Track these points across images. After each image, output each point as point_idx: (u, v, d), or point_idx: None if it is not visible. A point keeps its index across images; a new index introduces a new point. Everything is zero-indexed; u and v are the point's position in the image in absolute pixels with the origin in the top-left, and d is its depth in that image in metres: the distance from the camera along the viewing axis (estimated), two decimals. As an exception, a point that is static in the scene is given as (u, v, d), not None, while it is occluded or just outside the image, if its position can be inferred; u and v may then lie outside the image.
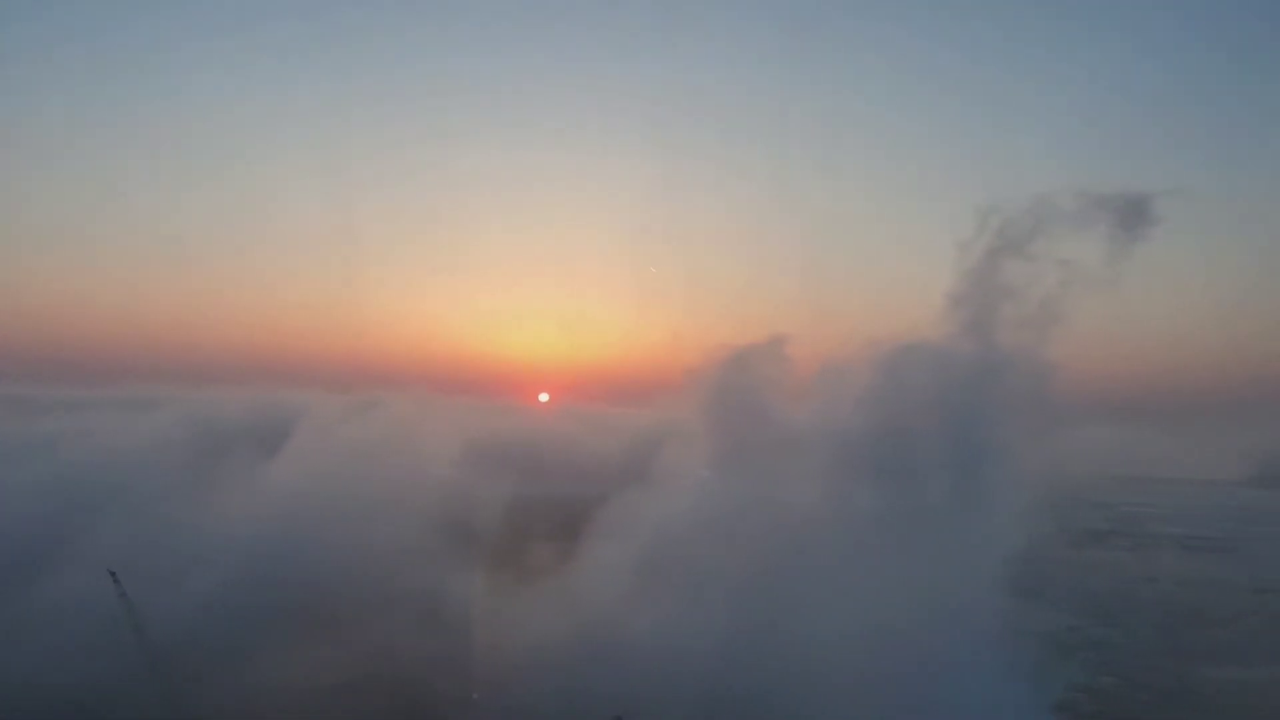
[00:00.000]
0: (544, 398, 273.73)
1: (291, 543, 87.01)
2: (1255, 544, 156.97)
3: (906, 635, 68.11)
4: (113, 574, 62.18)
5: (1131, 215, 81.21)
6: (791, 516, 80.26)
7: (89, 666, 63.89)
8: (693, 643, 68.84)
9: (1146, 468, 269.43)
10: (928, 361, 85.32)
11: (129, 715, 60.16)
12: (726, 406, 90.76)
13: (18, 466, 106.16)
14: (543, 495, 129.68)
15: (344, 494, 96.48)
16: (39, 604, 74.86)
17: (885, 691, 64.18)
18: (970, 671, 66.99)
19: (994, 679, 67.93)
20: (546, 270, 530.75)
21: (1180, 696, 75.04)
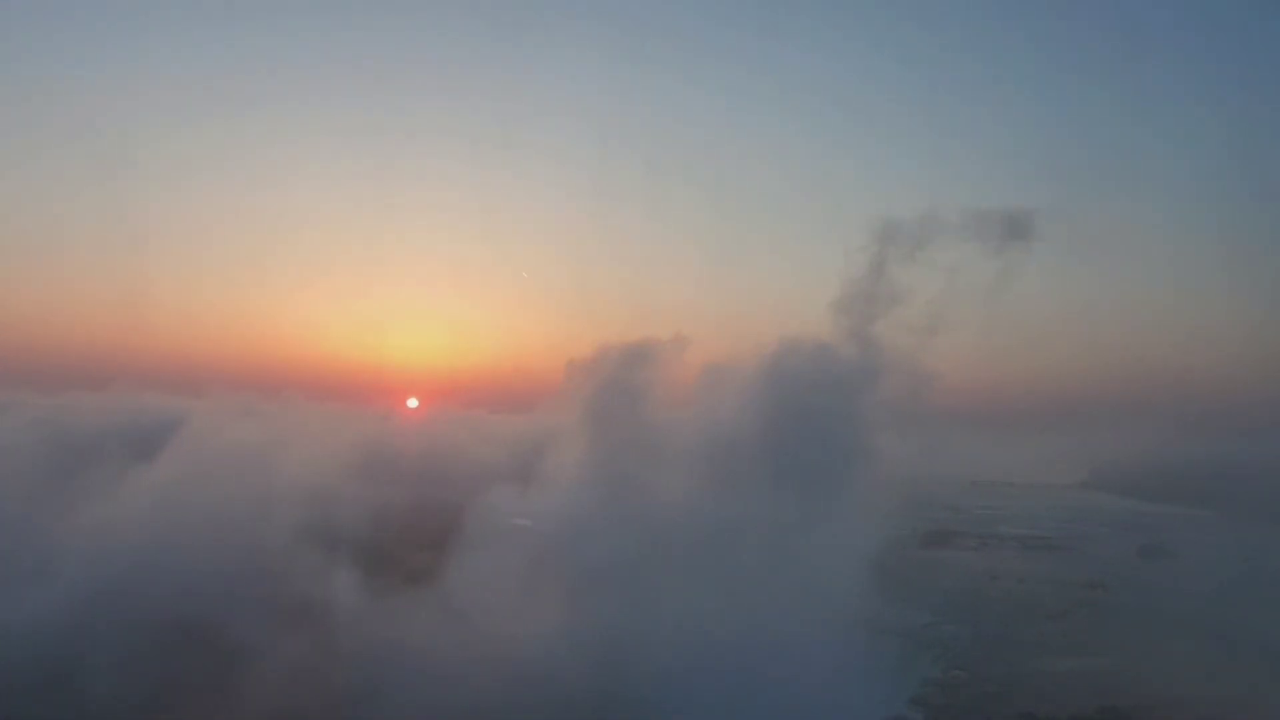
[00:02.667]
0: (413, 403, 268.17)
1: (154, 556, 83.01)
2: (1085, 543, 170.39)
3: (775, 636, 71.12)
4: None
5: (1008, 231, 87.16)
6: (661, 518, 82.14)
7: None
8: (565, 648, 69.78)
9: (992, 472, 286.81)
10: (803, 364, 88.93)
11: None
12: (607, 403, 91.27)
13: None
14: (417, 502, 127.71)
15: (213, 503, 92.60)
16: None
17: (752, 691, 66.88)
18: (835, 670, 70.56)
19: (857, 677, 71.72)
20: (419, 274, 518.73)
21: (1019, 686, 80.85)
